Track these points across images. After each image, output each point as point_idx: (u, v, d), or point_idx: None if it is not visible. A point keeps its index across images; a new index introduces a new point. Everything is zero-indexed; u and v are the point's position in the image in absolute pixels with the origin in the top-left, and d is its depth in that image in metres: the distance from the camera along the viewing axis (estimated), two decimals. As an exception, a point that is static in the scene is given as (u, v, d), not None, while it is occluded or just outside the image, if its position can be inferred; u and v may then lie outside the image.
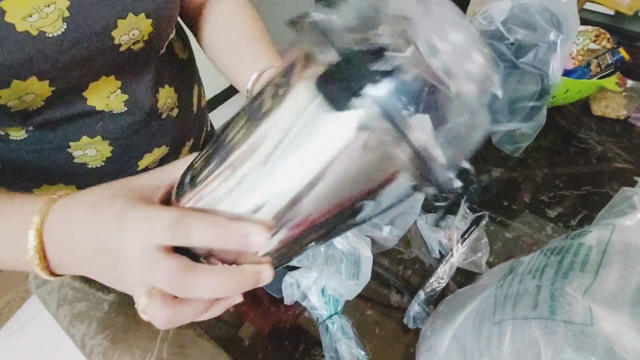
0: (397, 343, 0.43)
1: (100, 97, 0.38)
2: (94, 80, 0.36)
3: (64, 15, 0.30)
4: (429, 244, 0.51)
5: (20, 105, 0.32)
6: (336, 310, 0.43)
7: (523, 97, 0.56)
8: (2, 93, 0.30)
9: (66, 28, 0.30)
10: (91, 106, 0.37)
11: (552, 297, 0.22)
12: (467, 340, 0.29)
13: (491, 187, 0.59)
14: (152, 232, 0.19)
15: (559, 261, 0.24)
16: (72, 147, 0.39)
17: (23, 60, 0.29)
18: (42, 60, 0.30)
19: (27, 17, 0.28)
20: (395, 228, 0.46)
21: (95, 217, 0.20)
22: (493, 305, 0.27)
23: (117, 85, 0.38)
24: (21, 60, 0.28)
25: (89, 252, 0.21)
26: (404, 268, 0.49)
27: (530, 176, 0.61)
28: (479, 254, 0.49)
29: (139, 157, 0.45)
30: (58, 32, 0.30)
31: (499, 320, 0.25)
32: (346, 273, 0.39)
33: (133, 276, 0.20)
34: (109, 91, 0.38)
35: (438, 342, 0.34)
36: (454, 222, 0.51)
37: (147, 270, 0.19)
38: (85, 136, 0.39)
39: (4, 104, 0.30)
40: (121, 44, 0.34)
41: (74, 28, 0.30)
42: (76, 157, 0.40)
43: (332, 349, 0.41)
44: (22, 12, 0.28)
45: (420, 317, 0.42)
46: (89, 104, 0.37)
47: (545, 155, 0.64)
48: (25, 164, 0.39)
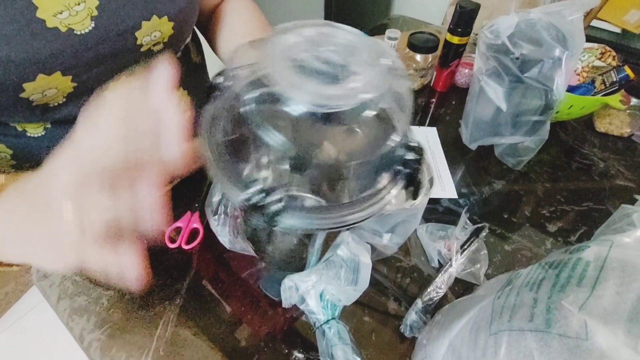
0: (393, 351, 0.43)
1: None
2: (114, 79, 0.37)
3: (92, 15, 0.31)
4: (428, 254, 0.51)
5: (42, 99, 0.33)
6: (333, 316, 0.43)
7: (527, 111, 0.57)
8: (27, 86, 0.30)
9: (93, 27, 0.31)
10: None
11: (548, 310, 0.23)
12: (462, 349, 0.29)
13: (492, 199, 0.60)
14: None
15: (556, 275, 0.24)
16: None
17: (50, 55, 0.30)
18: (68, 56, 0.31)
19: (57, 14, 0.29)
20: (396, 236, 0.47)
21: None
22: (490, 315, 0.27)
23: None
24: (49, 55, 0.29)
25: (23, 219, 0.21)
26: (402, 276, 0.50)
27: (531, 190, 0.61)
28: (477, 266, 0.49)
29: None
30: (85, 30, 0.31)
31: (495, 331, 0.26)
32: (345, 279, 0.40)
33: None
34: None
35: (434, 351, 0.34)
36: (454, 232, 0.51)
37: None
38: None
39: (27, 97, 0.31)
40: (143, 44, 0.35)
41: (100, 27, 0.31)
42: None
43: (328, 353, 0.41)
44: (53, 9, 0.29)
45: (417, 326, 0.43)
46: None
47: (548, 170, 0.64)
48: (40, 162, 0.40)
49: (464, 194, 0.60)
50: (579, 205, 0.59)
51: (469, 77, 0.77)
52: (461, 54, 0.73)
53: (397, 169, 0.22)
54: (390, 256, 0.51)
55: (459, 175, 0.63)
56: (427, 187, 0.46)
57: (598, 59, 0.69)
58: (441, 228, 0.53)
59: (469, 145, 0.66)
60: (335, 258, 0.40)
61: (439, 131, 0.69)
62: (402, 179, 0.22)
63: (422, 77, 0.77)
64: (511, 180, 0.62)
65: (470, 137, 0.65)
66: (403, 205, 0.45)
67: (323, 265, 0.40)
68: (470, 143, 0.65)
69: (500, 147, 0.64)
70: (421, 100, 0.78)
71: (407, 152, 0.21)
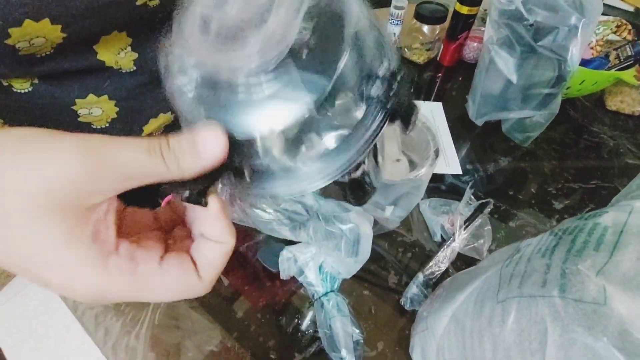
0: (392, 324, 0.42)
1: (110, 53, 0.37)
2: (106, 33, 0.35)
3: None
4: (431, 228, 0.50)
5: (29, 49, 0.31)
6: (332, 288, 0.43)
7: (538, 84, 0.54)
8: (13, 32, 0.29)
9: None
10: (101, 60, 0.37)
11: (562, 275, 0.21)
12: (466, 320, 0.28)
13: (497, 176, 0.58)
14: None
15: (571, 240, 0.23)
16: (78, 104, 0.38)
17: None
18: (57, 2, 0.28)
19: None
20: (398, 209, 0.45)
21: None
22: (497, 284, 0.26)
23: (128, 42, 0.38)
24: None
25: None
26: (404, 251, 0.48)
27: (538, 167, 0.59)
28: (481, 241, 0.48)
29: (144, 122, 0.44)
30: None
31: (503, 299, 0.24)
32: (345, 250, 0.38)
33: None
34: (119, 47, 0.37)
35: (435, 323, 0.33)
36: (457, 207, 0.50)
37: None
38: (92, 94, 0.38)
39: (12, 44, 0.29)
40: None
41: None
42: (81, 116, 0.39)
43: (327, 325, 0.40)
44: None
45: (418, 299, 0.42)
46: (98, 58, 0.36)
47: (555, 147, 0.62)
48: (27, 121, 0.38)
49: (469, 170, 0.58)
50: (586, 183, 0.57)
51: (478, 51, 0.74)
52: (470, 26, 0.70)
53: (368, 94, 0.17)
54: (391, 231, 0.50)
55: (464, 152, 0.61)
56: (432, 158, 0.44)
57: (613, 32, 0.66)
58: (444, 203, 0.51)
59: (475, 121, 0.64)
60: (335, 229, 0.39)
61: (445, 107, 0.67)
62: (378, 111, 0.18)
63: (428, 51, 0.75)
64: (517, 157, 0.60)
65: (477, 113, 0.63)
66: (407, 175, 0.43)
67: (323, 236, 0.39)
68: (477, 119, 0.63)
69: (508, 122, 0.61)
70: (427, 74, 0.75)
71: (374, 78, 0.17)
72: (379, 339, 0.41)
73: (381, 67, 0.18)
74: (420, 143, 0.47)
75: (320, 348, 0.40)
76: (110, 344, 0.40)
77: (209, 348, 0.40)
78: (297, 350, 0.40)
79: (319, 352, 0.40)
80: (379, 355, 0.40)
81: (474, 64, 0.66)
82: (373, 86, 0.17)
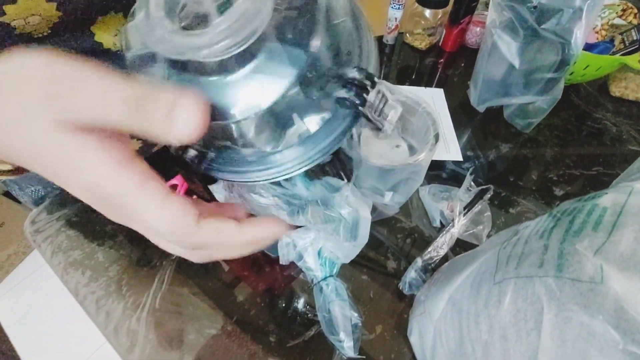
0: (390, 308, 0.43)
1: (108, 34, 0.36)
2: (102, 13, 0.35)
3: None
4: (431, 214, 0.50)
5: (25, 27, 0.30)
6: (331, 273, 0.43)
7: (541, 68, 0.53)
8: (8, 9, 0.28)
9: None
10: (98, 42, 0.36)
11: (560, 256, 0.21)
12: (463, 302, 0.28)
13: (498, 162, 0.57)
14: None
15: (569, 221, 0.23)
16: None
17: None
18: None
19: None
20: (398, 194, 0.45)
21: None
22: (495, 266, 0.26)
23: (124, 23, 0.37)
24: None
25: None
26: (402, 237, 0.49)
27: (539, 154, 0.59)
28: (480, 227, 0.48)
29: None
30: None
31: (500, 280, 0.24)
32: (344, 234, 0.38)
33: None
34: (116, 28, 0.37)
35: (433, 306, 0.33)
36: (457, 193, 0.49)
37: None
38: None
39: (8, 22, 0.29)
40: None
41: None
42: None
43: (326, 309, 0.41)
44: None
45: (416, 284, 0.42)
46: (96, 40, 0.36)
47: (557, 134, 0.62)
48: None
49: (470, 157, 0.58)
50: (588, 169, 0.57)
51: (480, 36, 0.73)
52: (473, 10, 0.68)
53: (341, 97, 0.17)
54: (391, 217, 0.50)
55: (465, 138, 0.60)
56: (432, 142, 0.44)
57: (619, 16, 0.65)
58: (444, 189, 0.51)
59: (476, 107, 0.63)
60: (334, 213, 0.38)
61: (446, 93, 0.66)
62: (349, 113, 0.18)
63: (430, 36, 0.73)
64: (519, 144, 0.60)
65: (478, 99, 0.62)
66: (406, 161, 0.43)
67: (322, 220, 0.39)
68: (479, 105, 0.62)
69: (510, 108, 0.61)
70: (429, 60, 0.74)
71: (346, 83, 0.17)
72: (377, 323, 0.42)
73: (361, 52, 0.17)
74: (421, 128, 0.47)
75: (319, 331, 0.41)
76: (112, 327, 0.41)
77: (210, 332, 0.41)
78: (296, 334, 0.41)
79: (317, 335, 0.41)
80: (377, 339, 0.41)
81: (477, 49, 0.65)
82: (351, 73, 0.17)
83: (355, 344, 0.39)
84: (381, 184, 0.44)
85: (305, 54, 0.16)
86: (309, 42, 0.16)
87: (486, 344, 0.24)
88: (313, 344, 0.40)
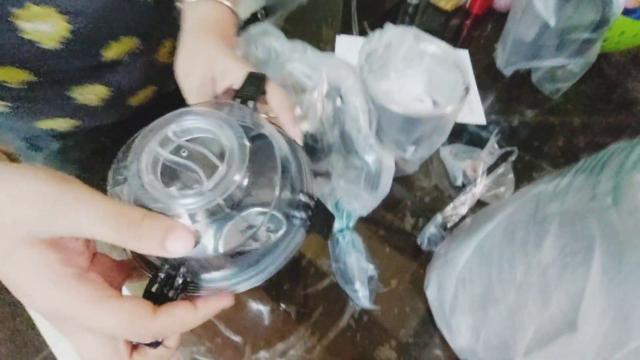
0: (407, 263, 0.42)
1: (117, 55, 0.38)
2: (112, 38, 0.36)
3: None
4: (452, 173, 0.48)
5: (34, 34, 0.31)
6: (348, 225, 0.42)
7: (577, 28, 0.50)
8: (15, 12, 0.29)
9: None
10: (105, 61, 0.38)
11: (616, 188, 0.20)
12: (494, 248, 0.27)
13: (523, 128, 0.55)
14: None
15: (625, 156, 0.21)
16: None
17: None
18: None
19: None
20: (421, 149, 0.43)
21: None
22: (534, 207, 0.24)
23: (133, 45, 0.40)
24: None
25: None
26: (422, 194, 0.47)
27: (566, 122, 0.57)
28: (502, 189, 0.47)
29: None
30: None
31: (541, 219, 0.23)
32: (366, 182, 0.37)
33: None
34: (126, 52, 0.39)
35: (456, 256, 0.32)
36: (480, 154, 0.48)
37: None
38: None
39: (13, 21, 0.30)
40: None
41: None
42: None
43: (342, 260, 0.40)
44: None
45: (435, 239, 0.41)
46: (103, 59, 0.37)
47: (586, 102, 0.59)
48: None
49: (493, 121, 0.56)
50: (616, 139, 0.54)
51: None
52: (506, -33, 0.64)
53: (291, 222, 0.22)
54: (410, 175, 0.48)
55: (489, 102, 0.58)
56: (461, 95, 0.41)
57: (663, -21, 0.60)
58: (467, 150, 0.49)
59: (503, 71, 0.60)
60: (356, 159, 0.37)
61: (472, 55, 0.63)
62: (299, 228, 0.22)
63: (457, -4, 0.69)
64: (545, 110, 0.58)
65: (506, 61, 0.59)
66: (433, 112, 0.41)
67: (343, 167, 0.38)
68: (506, 67, 0.59)
69: (539, 72, 0.58)
70: (454, 22, 0.71)
71: (295, 211, 0.22)
72: (392, 277, 0.41)
73: (302, 191, 0.23)
74: (448, 83, 0.44)
75: (333, 282, 0.40)
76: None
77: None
78: (310, 284, 0.40)
79: (331, 286, 0.40)
80: (392, 292, 0.40)
81: (506, 13, 0.61)
82: (296, 208, 0.22)
83: (370, 294, 0.38)
84: (404, 137, 0.42)
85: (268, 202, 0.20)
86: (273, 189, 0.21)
87: (521, 286, 0.23)
88: (327, 294, 0.40)
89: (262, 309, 0.39)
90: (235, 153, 0.20)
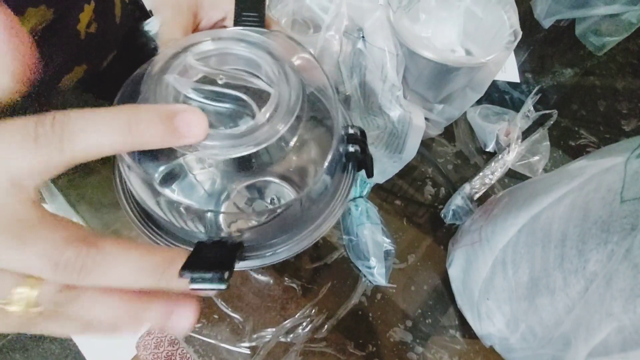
0: (425, 237, 0.37)
1: None
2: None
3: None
4: (482, 137, 0.42)
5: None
6: (361, 194, 0.37)
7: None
8: None
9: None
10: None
11: None
12: (552, 228, 0.22)
13: (561, 88, 0.49)
14: None
15: None
16: None
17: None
18: None
19: None
20: (450, 108, 0.37)
21: None
22: (620, 181, 0.19)
23: None
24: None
25: None
26: (444, 162, 0.42)
27: (609, 83, 0.50)
28: (536, 157, 0.41)
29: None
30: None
31: (632, 197, 0.18)
32: (389, 144, 0.31)
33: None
34: None
35: (495, 234, 0.27)
36: (514, 118, 0.42)
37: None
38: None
39: None
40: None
41: None
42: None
43: (353, 233, 0.35)
44: None
45: (462, 212, 0.36)
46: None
47: (633, 61, 0.52)
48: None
49: (528, 79, 0.49)
50: (663, 105, 0.48)
51: None
52: None
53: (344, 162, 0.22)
54: (431, 139, 0.43)
55: (523, 57, 0.51)
56: (509, 40, 0.35)
57: None
58: (499, 111, 0.43)
59: (541, 22, 0.52)
60: (377, 117, 0.31)
61: (505, 2, 0.55)
62: (353, 167, 0.22)
63: None
64: (587, 69, 0.51)
65: (547, 10, 0.51)
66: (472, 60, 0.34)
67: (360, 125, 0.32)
68: (545, 18, 0.52)
69: (585, 23, 0.50)
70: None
71: (349, 145, 0.21)
72: (409, 252, 0.36)
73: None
74: (488, 29, 0.37)
75: (344, 256, 0.36)
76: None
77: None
78: (318, 257, 0.36)
79: (341, 260, 0.36)
80: (409, 268, 0.36)
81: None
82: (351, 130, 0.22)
83: (386, 271, 0.34)
84: (433, 92, 0.36)
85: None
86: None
87: (594, 276, 0.19)
88: (337, 269, 0.35)
89: (264, 284, 0.35)
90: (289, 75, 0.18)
